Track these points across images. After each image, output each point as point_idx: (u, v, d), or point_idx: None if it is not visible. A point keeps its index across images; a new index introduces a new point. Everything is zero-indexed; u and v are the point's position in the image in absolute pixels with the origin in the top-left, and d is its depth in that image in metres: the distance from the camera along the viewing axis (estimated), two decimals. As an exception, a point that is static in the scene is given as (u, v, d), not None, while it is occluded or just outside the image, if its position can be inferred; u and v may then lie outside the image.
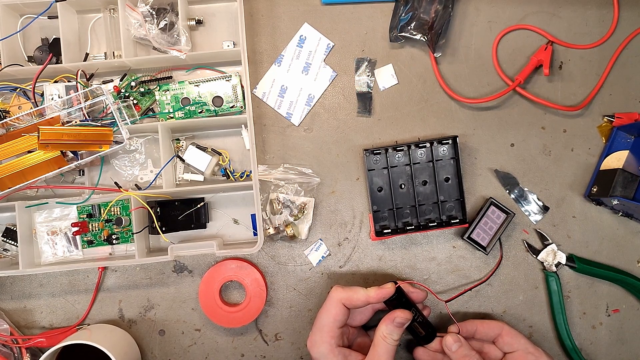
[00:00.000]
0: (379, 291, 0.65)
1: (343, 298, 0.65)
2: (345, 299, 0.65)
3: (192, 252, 0.71)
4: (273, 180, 0.75)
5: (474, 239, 0.73)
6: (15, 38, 0.73)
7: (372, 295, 0.64)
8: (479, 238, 0.73)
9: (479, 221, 0.73)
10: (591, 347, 0.75)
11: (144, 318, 0.76)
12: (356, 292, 0.65)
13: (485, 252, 0.73)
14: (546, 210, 0.74)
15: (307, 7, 0.76)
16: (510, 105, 0.75)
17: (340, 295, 0.65)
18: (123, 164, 0.75)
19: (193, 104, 0.73)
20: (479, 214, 0.73)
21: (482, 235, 0.73)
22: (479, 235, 0.73)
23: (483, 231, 0.73)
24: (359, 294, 0.65)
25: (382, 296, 0.65)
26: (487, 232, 0.73)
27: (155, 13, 0.71)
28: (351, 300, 0.65)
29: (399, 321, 0.63)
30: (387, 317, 0.64)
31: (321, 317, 0.66)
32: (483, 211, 0.73)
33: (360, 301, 0.65)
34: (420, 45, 0.76)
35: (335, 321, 0.65)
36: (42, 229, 0.74)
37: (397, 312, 0.64)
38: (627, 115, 0.74)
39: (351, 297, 0.65)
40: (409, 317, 0.64)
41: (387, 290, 0.65)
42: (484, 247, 0.73)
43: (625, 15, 0.75)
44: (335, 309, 0.65)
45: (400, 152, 0.73)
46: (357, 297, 0.65)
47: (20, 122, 0.69)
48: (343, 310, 0.65)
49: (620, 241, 0.75)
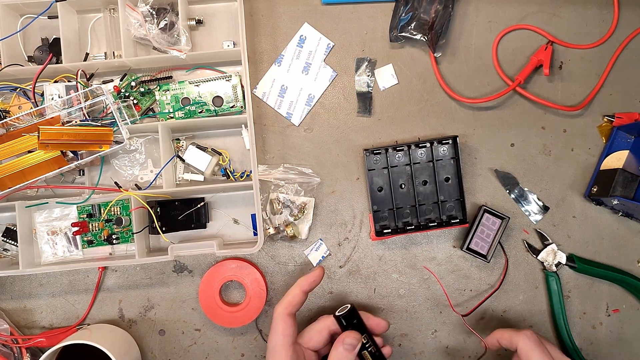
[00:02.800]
0: (307, 276, 0.63)
1: (282, 306, 0.62)
2: (286, 305, 0.62)
3: (192, 252, 0.71)
4: (273, 180, 0.75)
5: (473, 248, 0.73)
6: (15, 38, 0.73)
7: (302, 282, 0.62)
8: (478, 247, 0.73)
9: (475, 230, 0.73)
10: (591, 347, 0.75)
11: (144, 318, 0.76)
12: (290, 293, 0.63)
13: (486, 260, 0.73)
14: (546, 210, 0.74)
15: (307, 7, 0.76)
16: (510, 105, 0.75)
17: (279, 307, 0.62)
18: (123, 164, 0.75)
19: (193, 104, 0.73)
20: (474, 222, 0.73)
21: (480, 244, 0.73)
22: (477, 244, 0.73)
23: (481, 240, 0.72)
24: (293, 291, 0.62)
25: (310, 279, 0.62)
26: (485, 239, 0.73)
27: (155, 13, 0.71)
28: (291, 303, 0.62)
29: (349, 343, 0.59)
30: (337, 340, 0.60)
31: (270, 340, 0.62)
32: (478, 220, 0.73)
33: (297, 296, 0.62)
34: (421, 45, 0.76)
35: (284, 336, 0.61)
36: (42, 228, 0.74)
37: (347, 333, 0.60)
38: (627, 115, 0.74)
39: (289, 301, 0.62)
40: (359, 339, 0.60)
41: (313, 274, 0.63)
42: (485, 256, 0.73)
43: (625, 15, 0.75)
44: (280, 324, 0.61)
45: (401, 152, 0.73)
46: (292, 295, 0.62)
47: (20, 122, 0.69)
48: (288, 322, 0.62)
49: (620, 241, 0.75)
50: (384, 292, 0.75)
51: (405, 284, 0.75)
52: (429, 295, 0.75)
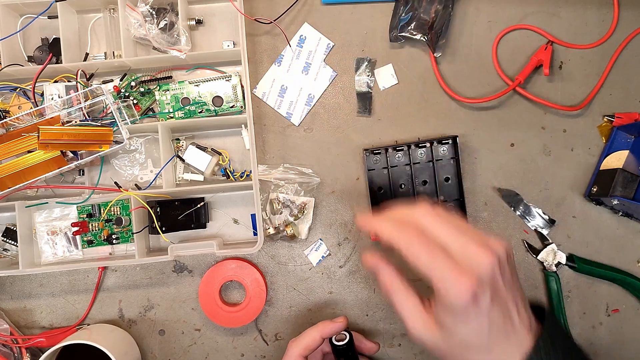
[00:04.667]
0: (331, 324, 0.63)
1: (300, 349, 0.63)
2: (303, 349, 0.63)
3: (192, 252, 0.71)
4: (273, 180, 0.75)
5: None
6: (15, 38, 0.73)
7: (324, 329, 0.63)
8: None
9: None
10: (591, 347, 0.75)
11: (144, 318, 0.76)
12: (309, 335, 0.63)
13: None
14: (552, 224, 0.74)
15: (307, 7, 0.76)
16: (510, 105, 0.75)
17: (297, 348, 0.63)
18: (123, 163, 0.75)
19: (193, 104, 0.73)
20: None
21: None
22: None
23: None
24: (312, 335, 0.63)
25: (334, 329, 0.63)
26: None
27: (155, 13, 0.71)
28: (308, 347, 0.63)
29: None
30: None
31: None
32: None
33: (315, 341, 0.63)
34: (420, 45, 0.76)
35: None
36: (42, 228, 0.74)
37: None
38: (627, 115, 0.74)
39: (307, 344, 0.63)
40: None
41: (338, 325, 0.63)
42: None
43: (625, 15, 0.75)
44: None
45: (400, 152, 0.73)
46: (311, 339, 0.63)
47: (20, 122, 0.69)
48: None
49: (620, 241, 0.75)
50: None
51: (405, 284, 0.75)
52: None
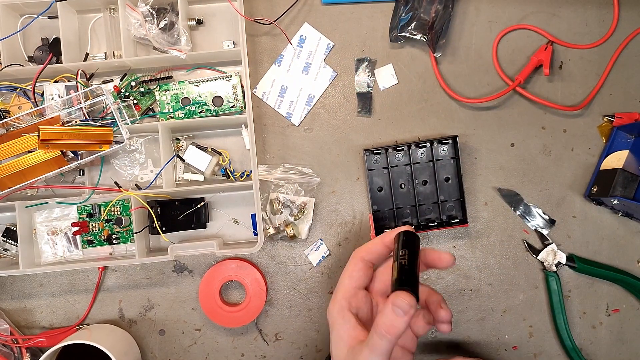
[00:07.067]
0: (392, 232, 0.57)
1: (362, 252, 0.57)
2: (365, 252, 0.57)
3: (192, 252, 0.71)
4: (273, 180, 0.75)
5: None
6: (15, 38, 0.73)
7: (385, 236, 0.57)
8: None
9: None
10: (591, 347, 0.75)
11: (144, 318, 0.76)
12: (371, 241, 0.58)
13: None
14: (552, 224, 0.74)
15: (307, 7, 0.76)
16: (510, 105, 0.75)
17: (357, 250, 0.58)
18: (123, 163, 0.75)
19: (193, 104, 0.73)
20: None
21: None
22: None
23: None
24: (375, 240, 0.58)
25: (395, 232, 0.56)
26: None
27: (155, 13, 0.71)
28: (369, 250, 0.57)
29: (399, 306, 0.48)
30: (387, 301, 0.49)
31: (340, 279, 0.57)
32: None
33: (377, 245, 0.57)
34: (420, 45, 0.76)
35: (350, 278, 0.56)
36: (42, 228, 0.74)
37: (398, 294, 0.49)
38: (627, 115, 0.74)
39: (368, 248, 0.57)
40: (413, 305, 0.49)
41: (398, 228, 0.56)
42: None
43: (625, 15, 0.75)
44: (352, 266, 0.57)
45: (400, 152, 0.73)
46: (373, 243, 0.57)
47: (20, 122, 0.69)
48: (360, 266, 0.56)
49: (620, 241, 0.75)
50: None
51: (405, 284, 0.75)
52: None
